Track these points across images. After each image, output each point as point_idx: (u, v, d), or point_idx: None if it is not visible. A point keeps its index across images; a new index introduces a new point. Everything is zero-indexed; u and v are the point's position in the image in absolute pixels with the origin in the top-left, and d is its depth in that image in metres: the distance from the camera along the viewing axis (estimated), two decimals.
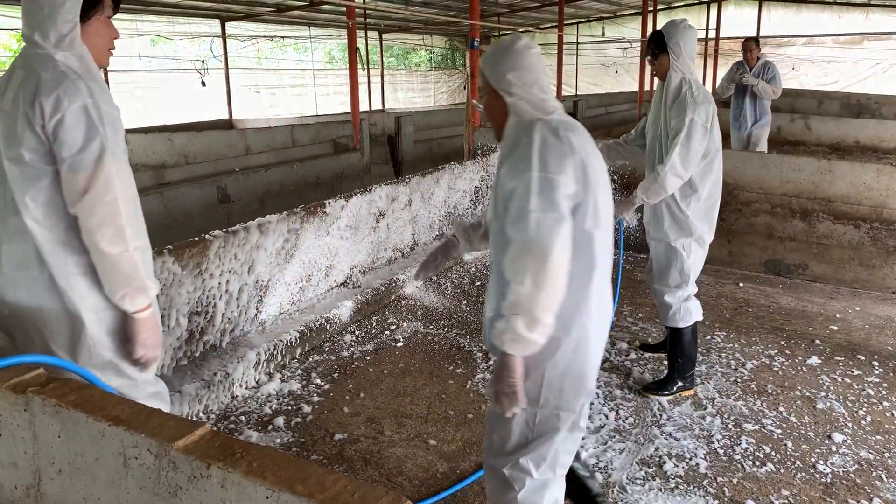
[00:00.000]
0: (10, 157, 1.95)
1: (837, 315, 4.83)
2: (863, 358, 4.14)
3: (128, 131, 8.35)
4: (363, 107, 14.77)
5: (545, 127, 1.97)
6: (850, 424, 3.42)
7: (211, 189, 5.52)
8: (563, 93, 14.04)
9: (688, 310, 3.62)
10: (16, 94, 1.92)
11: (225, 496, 1.26)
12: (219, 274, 3.52)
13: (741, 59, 7.29)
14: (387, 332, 4.50)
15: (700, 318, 3.68)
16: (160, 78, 13.89)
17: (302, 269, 4.26)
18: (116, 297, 2.00)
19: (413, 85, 20.92)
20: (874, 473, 3.03)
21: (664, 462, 3.10)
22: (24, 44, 2.00)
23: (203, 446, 1.33)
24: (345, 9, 7.61)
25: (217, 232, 3.48)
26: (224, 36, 13.92)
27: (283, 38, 16.43)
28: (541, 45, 20.24)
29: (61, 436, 1.45)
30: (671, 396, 3.65)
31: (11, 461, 1.54)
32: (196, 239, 3.38)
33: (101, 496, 1.43)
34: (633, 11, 17.76)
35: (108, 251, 1.94)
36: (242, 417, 3.45)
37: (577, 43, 19.11)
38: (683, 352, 3.66)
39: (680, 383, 3.67)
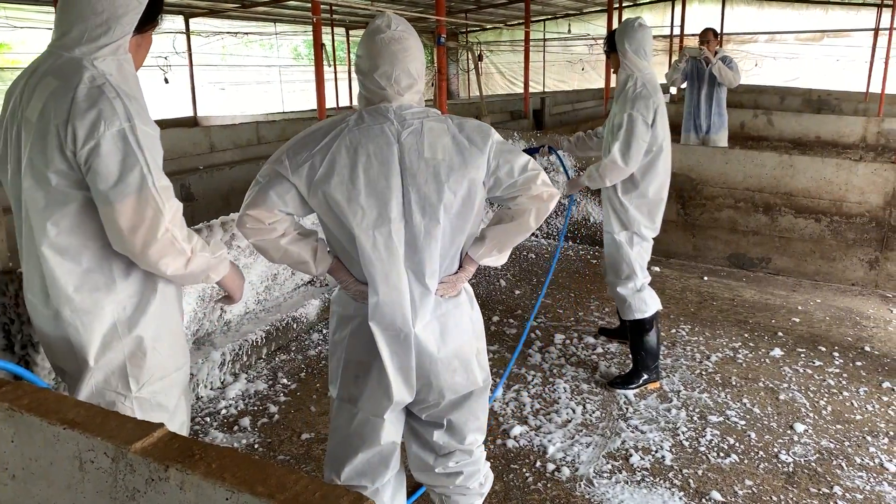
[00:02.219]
0: (35, 177, 1.77)
1: (799, 307, 4.92)
2: (824, 349, 4.22)
3: None
4: (330, 103, 14.69)
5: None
6: (811, 415, 3.49)
7: (175, 187, 5.43)
8: (531, 89, 14.09)
9: (642, 300, 3.68)
10: (45, 107, 1.74)
11: (184, 498, 1.24)
12: None
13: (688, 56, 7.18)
14: None
15: (658, 308, 3.74)
16: None
17: (268, 268, 4.21)
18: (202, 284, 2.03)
19: None
20: (834, 462, 3.09)
21: (630, 455, 3.13)
22: (53, 45, 1.83)
23: (161, 448, 1.30)
24: (310, 4, 7.55)
25: None
26: (188, 32, 13.73)
27: (247, 34, 16.26)
28: (507, 41, 20.34)
29: (14, 440, 1.41)
30: (637, 390, 3.69)
31: None
32: None
33: (58, 501, 1.39)
34: (599, 8, 17.88)
35: (178, 274, 1.84)
36: (208, 418, 3.41)
37: (545, 40, 19.20)
38: (644, 345, 3.71)
39: (645, 376, 3.72)
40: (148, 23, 1.92)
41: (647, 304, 3.68)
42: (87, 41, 1.78)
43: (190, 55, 13.57)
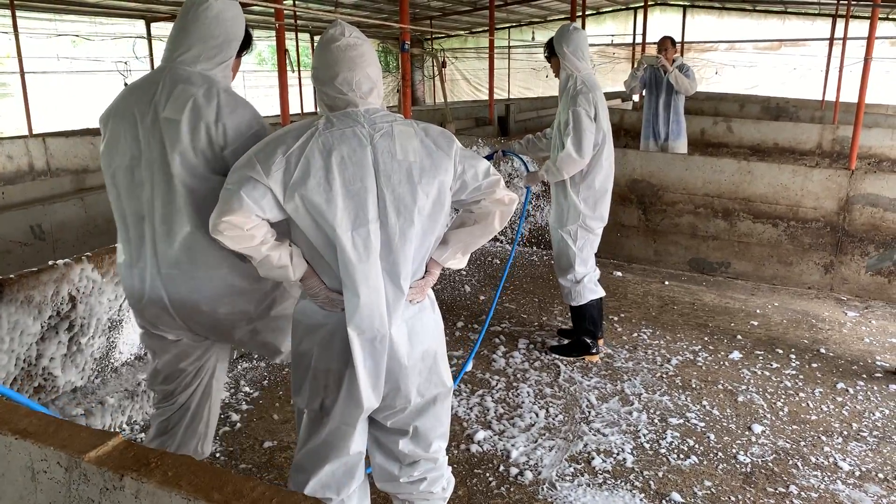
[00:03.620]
0: (188, 169, 2.11)
1: (758, 311, 5.02)
2: (781, 351, 4.31)
3: (48, 135, 8.04)
4: (294, 109, 14.59)
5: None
6: (768, 415, 3.56)
7: None
8: (496, 96, 14.16)
9: (580, 291, 4.04)
10: (194, 106, 2.11)
11: None
12: None
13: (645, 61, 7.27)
14: None
15: (600, 295, 4.11)
16: (81, 79, 13.44)
17: None
18: None
19: None
20: (791, 462, 3.16)
21: (593, 458, 3.16)
22: (171, 60, 2.21)
23: (116, 457, 1.29)
24: (273, 10, 7.50)
25: None
26: (150, 37, 13.56)
27: None
28: (472, 48, 20.43)
29: None
30: (574, 359, 4.15)
31: None
32: (116, 245, 3.28)
33: None
34: (563, 16, 18.06)
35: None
36: (119, 433, 3.35)
37: (509, 47, 19.32)
38: (583, 326, 4.13)
39: (585, 349, 4.16)
40: (244, 49, 2.34)
41: (584, 294, 4.04)
42: (204, 59, 2.20)
43: (151, 60, 13.40)
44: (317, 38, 17.73)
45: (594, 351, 4.16)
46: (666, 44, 7.02)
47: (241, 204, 1.87)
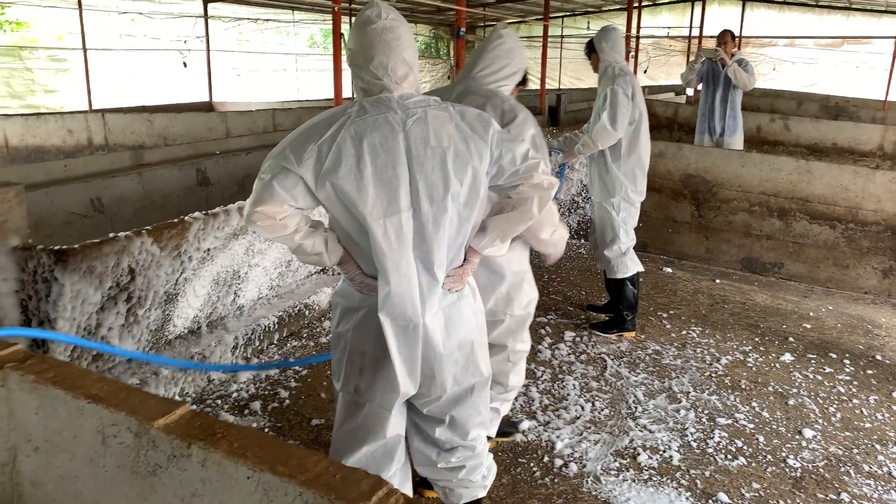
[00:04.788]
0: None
1: (811, 313, 4.90)
2: (834, 356, 4.21)
3: (107, 111, 8.22)
4: (346, 93, 14.67)
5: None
6: (820, 421, 3.48)
7: (191, 171, 5.45)
8: (547, 86, 14.02)
9: (624, 263, 4.25)
10: (478, 118, 2.23)
11: (205, 475, 1.26)
12: (198, 256, 3.49)
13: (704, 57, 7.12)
14: None
15: (639, 269, 4.31)
16: (138, 57, 13.71)
17: (281, 255, 4.23)
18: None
19: None
20: (842, 469, 3.09)
21: (638, 454, 3.14)
22: (470, 75, 2.67)
23: (183, 426, 1.32)
24: None
25: (197, 214, 3.45)
26: (206, 17, 13.76)
27: (267, 20, 16.25)
28: (524, 37, 20.25)
29: (39, 413, 1.43)
30: (615, 336, 4.34)
31: None
32: (175, 220, 3.35)
33: (79, 474, 1.41)
34: (619, 7, 17.80)
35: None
36: (219, 401, 3.43)
37: (562, 36, 19.11)
38: (624, 301, 4.31)
39: (623, 325, 4.35)
40: (519, 84, 2.78)
41: (628, 266, 4.25)
42: (499, 79, 2.66)
43: (207, 40, 13.59)
44: None
45: (632, 327, 4.36)
46: (726, 37, 6.87)
47: (272, 194, 1.87)
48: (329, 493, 1.14)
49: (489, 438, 2.61)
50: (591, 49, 4.24)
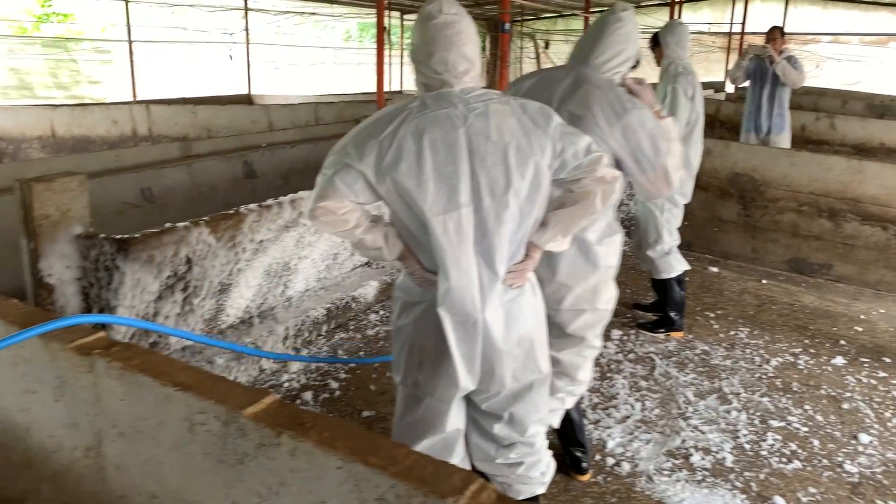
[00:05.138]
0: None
1: (862, 316, 4.81)
2: (888, 360, 4.13)
3: (151, 102, 8.34)
4: (389, 87, 14.70)
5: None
6: (876, 426, 3.42)
7: (237, 163, 5.50)
8: None
9: (668, 262, 4.22)
10: (598, 106, 2.39)
11: (294, 465, 1.27)
12: (252, 248, 3.52)
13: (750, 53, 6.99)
14: None
15: (685, 268, 4.28)
16: (181, 49, 13.87)
17: (329, 248, 4.26)
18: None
19: None
20: None
21: (691, 454, 3.11)
22: (579, 62, 2.57)
23: (271, 414, 1.33)
24: None
25: (252, 206, 3.48)
26: (246, 9, 13.86)
27: (312, 13, 16.31)
28: (560, 30, 20.12)
29: (125, 399, 1.46)
30: (663, 335, 4.30)
31: (72, 422, 1.55)
32: (231, 211, 3.38)
33: (164, 460, 1.43)
34: (659, 2, 17.58)
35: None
36: (271, 391, 3.46)
37: None
38: (670, 301, 4.29)
39: (672, 324, 4.32)
40: (632, 68, 2.67)
41: (672, 265, 4.21)
42: (615, 66, 2.53)
43: (247, 33, 13.70)
44: (407, 16, 17.82)
45: (680, 327, 4.32)
46: (775, 34, 6.75)
47: (334, 189, 1.91)
48: (423, 486, 1.14)
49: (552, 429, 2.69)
50: (656, 42, 4.22)
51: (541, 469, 2.29)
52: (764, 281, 5.45)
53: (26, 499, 1.68)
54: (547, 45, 13.71)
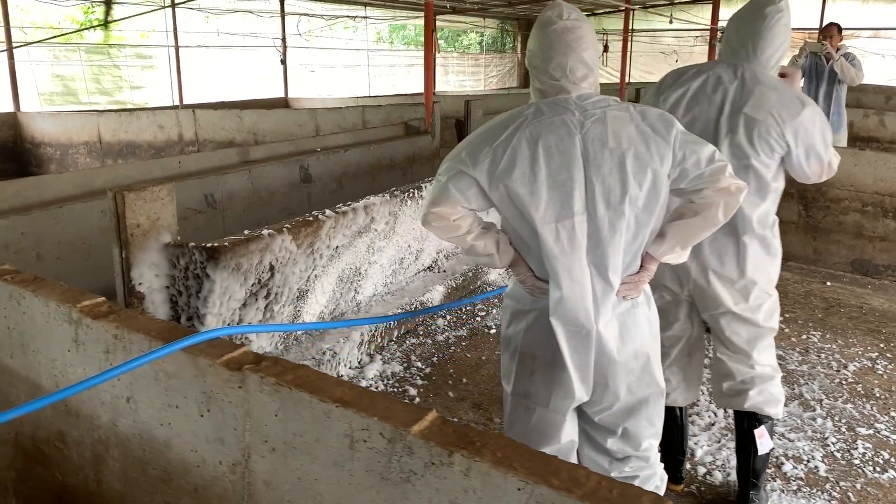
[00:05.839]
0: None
1: None
2: None
3: (197, 106, 8.43)
4: (416, 89, 14.73)
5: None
6: None
7: (294, 168, 5.52)
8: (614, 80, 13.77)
9: None
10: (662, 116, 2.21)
11: (468, 485, 1.25)
12: (328, 254, 3.52)
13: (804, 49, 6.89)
14: (477, 318, 4.48)
15: None
16: (220, 54, 13.98)
17: (397, 252, 4.25)
18: None
19: (464, 68, 20.78)
20: None
21: (782, 463, 3.05)
22: (732, 57, 2.48)
23: (437, 432, 1.31)
24: None
25: (328, 212, 3.48)
26: (283, 14, 13.96)
27: (354, 17, 16.36)
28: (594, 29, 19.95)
29: (279, 414, 1.44)
30: None
31: (217, 437, 1.55)
32: (310, 218, 3.39)
33: (320, 476, 1.42)
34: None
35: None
36: (431, 407, 3.44)
37: (651, 30, 18.66)
38: None
39: None
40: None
41: None
42: (777, 60, 2.45)
43: (283, 36, 13.79)
44: (437, 17, 17.77)
45: None
46: (832, 30, 6.65)
47: (448, 195, 1.90)
48: None
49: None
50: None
51: (655, 483, 2.24)
52: (828, 283, 5.36)
53: None
54: (606, 48, 13.57)
